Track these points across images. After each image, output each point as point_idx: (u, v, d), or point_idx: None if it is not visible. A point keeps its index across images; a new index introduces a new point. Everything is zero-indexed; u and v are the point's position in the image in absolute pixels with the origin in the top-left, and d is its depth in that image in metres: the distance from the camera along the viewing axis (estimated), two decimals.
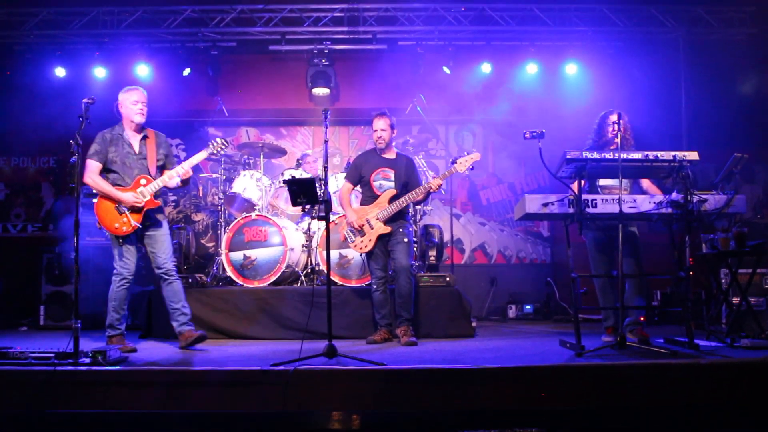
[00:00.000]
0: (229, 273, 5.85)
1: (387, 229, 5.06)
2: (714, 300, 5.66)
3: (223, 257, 5.90)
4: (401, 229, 5.10)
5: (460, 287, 5.73)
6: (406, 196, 5.06)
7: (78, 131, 3.98)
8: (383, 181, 5.19)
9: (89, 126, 4.05)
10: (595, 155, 4.19)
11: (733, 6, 7.42)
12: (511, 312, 7.66)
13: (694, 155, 4.19)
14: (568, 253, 4.32)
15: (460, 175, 5.63)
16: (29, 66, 7.59)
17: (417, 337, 5.04)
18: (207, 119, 8.23)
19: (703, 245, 5.17)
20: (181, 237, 6.48)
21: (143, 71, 7.60)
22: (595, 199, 4.24)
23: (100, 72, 7.60)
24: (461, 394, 3.55)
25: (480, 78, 7.88)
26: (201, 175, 7.39)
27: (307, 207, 5.93)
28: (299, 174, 6.33)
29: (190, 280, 5.61)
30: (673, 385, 3.57)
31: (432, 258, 6.43)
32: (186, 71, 7.74)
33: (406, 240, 5.07)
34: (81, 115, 4.02)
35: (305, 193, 4.16)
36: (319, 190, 4.30)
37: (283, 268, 5.77)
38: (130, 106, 4.65)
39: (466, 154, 5.08)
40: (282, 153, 7.07)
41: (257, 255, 5.82)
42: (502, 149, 8.40)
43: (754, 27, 7.42)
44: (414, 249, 5.75)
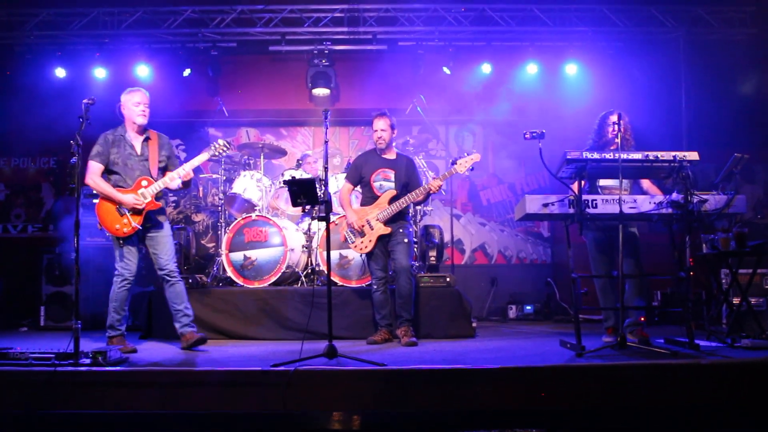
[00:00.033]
0: (230, 273, 5.85)
1: (387, 230, 5.06)
2: (714, 300, 5.66)
3: (224, 258, 5.90)
4: (401, 230, 5.10)
5: (460, 288, 5.73)
6: (406, 196, 5.05)
7: (78, 132, 3.97)
8: (383, 182, 5.19)
9: (89, 126, 4.05)
10: (596, 155, 4.19)
11: (733, 6, 7.42)
12: (512, 312, 7.66)
13: (694, 155, 4.19)
14: (568, 254, 4.32)
15: (460, 176, 5.64)
16: (29, 67, 7.59)
17: (417, 338, 5.04)
18: (207, 120, 8.24)
19: (704, 245, 5.17)
20: (182, 237, 6.48)
21: (143, 72, 7.60)
22: (596, 200, 4.24)
23: (100, 72, 7.60)
24: (461, 394, 3.55)
25: (480, 78, 7.88)
26: (201, 176, 7.38)
27: (308, 207, 5.93)
28: (299, 174, 6.33)
29: (190, 280, 5.61)
30: (674, 386, 3.57)
31: (432, 258, 6.43)
32: (186, 72, 7.74)
33: (406, 240, 5.08)
34: (81, 116, 4.01)
35: (305, 194, 4.16)
36: (320, 190, 4.30)
37: (284, 268, 5.77)
38: (132, 107, 4.64)
39: (466, 154, 5.08)
40: (282, 153, 7.07)
41: (257, 255, 5.82)
42: (502, 149, 8.40)
43: (754, 27, 7.41)
44: (414, 249, 5.75)
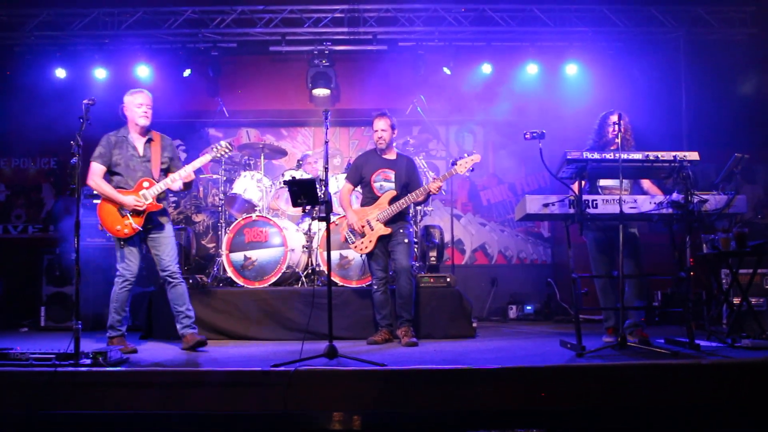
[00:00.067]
0: (230, 274, 5.85)
1: (387, 231, 5.06)
2: (715, 300, 5.66)
3: (224, 258, 5.90)
4: (402, 230, 5.10)
5: (460, 288, 5.73)
6: (406, 197, 5.06)
7: (78, 132, 3.97)
8: (384, 182, 5.20)
9: (90, 127, 4.05)
10: (596, 156, 4.19)
11: (733, 6, 7.42)
12: (512, 312, 7.66)
13: (694, 155, 4.19)
14: (568, 254, 4.32)
15: (460, 176, 5.64)
16: (30, 67, 7.59)
17: (418, 338, 5.04)
18: (208, 120, 8.23)
19: (704, 245, 5.17)
20: (182, 238, 6.48)
21: (144, 72, 7.60)
22: (596, 200, 4.24)
23: (100, 73, 7.60)
24: (462, 394, 3.55)
25: (480, 78, 7.88)
26: (201, 176, 7.39)
27: (308, 208, 5.92)
28: (300, 175, 6.33)
29: (190, 281, 5.60)
30: (674, 386, 3.57)
31: (432, 259, 6.43)
32: (186, 72, 7.74)
33: (406, 241, 5.08)
34: (81, 116, 4.01)
35: (306, 194, 4.16)
36: (320, 190, 4.30)
37: (284, 268, 5.77)
38: (134, 108, 4.65)
39: (466, 155, 5.08)
40: (282, 154, 7.07)
41: (258, 256, 5.82)
42: (502, 150, 8.40)
43: (754, 27, 7.41)
44: (414, 250, 5.75)
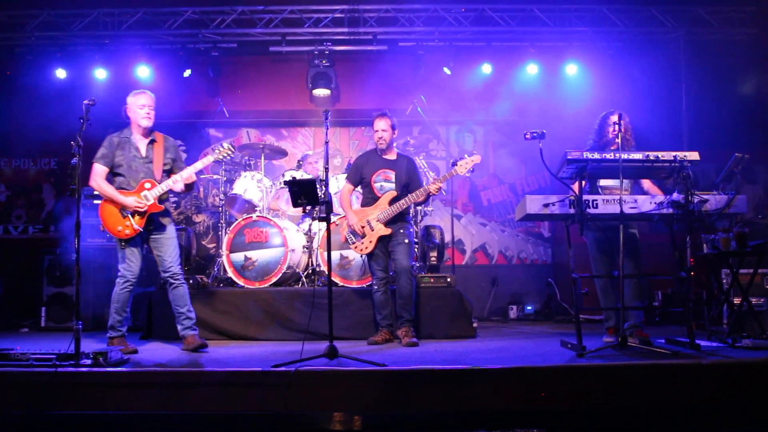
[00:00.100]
0: (230, 274, 5.85)
1: (387, 231, 5.07)
2: (715, 300, 5.66)
3: (224, 258, 5.90)
4: (402, 230, 5.10)
5: (461, 288, 5.73)
6: (406, 198, 5.06)
7: (79, 133, 3.97)
8: (384, 183, 5.20)
9: (90, 127, 4.05)
10: (596, 156, 4.20)
11: (734, 6, 7.41)
12: (512, 312, 7.66)
13: (694, 155, 4.19)
14: (569, 254, 4.32)
15: (460, 177, 5.64)
16: (30, 68, 7.59)
17: (418, 338, 5.04)
18: (208, 120, 8.24)
19: (704, 245, 5.17)
20: (182, 238, 6.47)
21: (144, 73, 7.60)
22: (596, 200, 4.24)
23: (100, 73, 7.60)
24: (462, 394, 3.55)
25: (480, 78, 7.88)
26: (202, 177, 7.39)
27: (308, 208, 5.92)
28: (300, 175, 6.33)
29: (191, 281, 5.59)
30: (675, 386, 3.57)
31: (433, 259, 6.43)
32: (187, 72, 7.74)
33: (406, 241, 5.08)
34: (82, 117, 4.01)
35: (306, 194, 4.16)
36: (320, 191, 4.30)
37: (284, 269, 5.77)
38: (137, 110, 4.66)
39: (466, 156, 5.08)
40: (283, 154, 7.07)
41: (258, 256, 5.82)
42: (502, 150, 8.40)
43: (754, 27, 7.41)
44: (415, 250, 5.75)
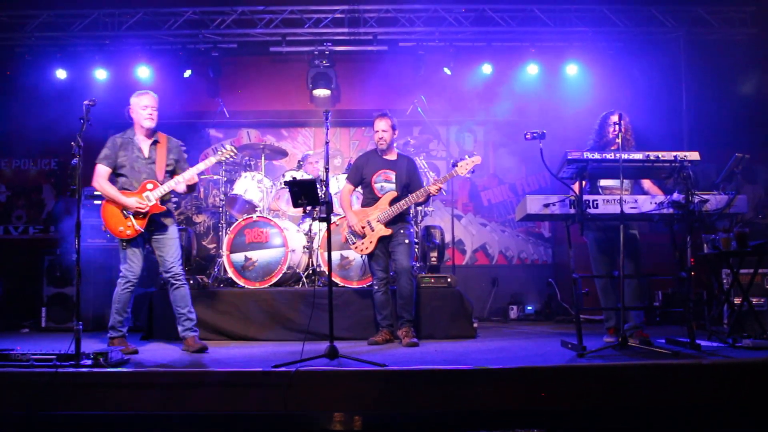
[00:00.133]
0: (231, 274, 5.85)
1: (388, 232, 5.07)
2: (716, 300, 5.66)
3: (225, 259, 5.90)
4: (402, 231, 5.10)
5: (461, 288, 5.73)
6: (406, 198, 5.06)
7: (79, 133, 3.97)
8: (384, 183, 5.20)
9: (90, 128, 4.05)
10: (596, 156, 4.20)
11: (734, 6, 7.41)
12: (513, 313, 7.66)
13: (695, 155, 4.19)
14: (569, 254, 4.32)
15: (461, 178, 5.64)
16: (30, 68, 7.59)
17: (418, 338, 5.04)
18: (208, 121, 8.24)
19: (705, 245, 5.17)
20: (183, 239, 6.46)
21: (144, 73, 7.60)
22: (596, 200, 4.24)
23: (101, 74, 7.60)
24: (463, 394, 3.55)
25: (481, 79, 7.88)
26: (202, 177, 7.36)
27: (308, 208, 5.92)
28: (300, 175, 6.33)
29: (191, 281, 5.60)
30: (675, 386, 3.57)
31: (433, 259, 6.43)
32: (187, 73, 7.74)
33: (407, 241, 5.08)
34: (82, 117, 4.01)
35: (306, 195, 4.16)
36: (320, 191, 4.30)
37: (285, 269, 5.77)
38: (139, 110, 4.67)
39: (467, 157, 5.08)
40: (283, 154, 7.07)
41: (258, 256, 5.82)
42: (503, 150, 8.39)
43: (754, 27, 7.41)
44: (415, 250, 5.75)
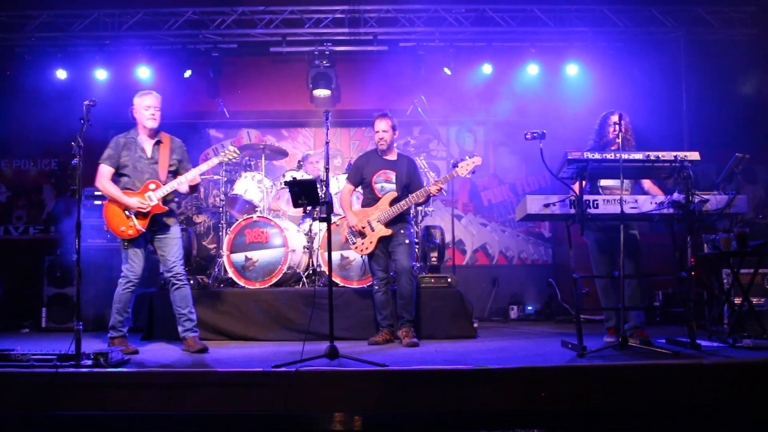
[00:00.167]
0: (231, 274, 5.85)
1: (388, 232, 5.07)
2: (716, 300, 5.66)
3: (225, 259, 5.90)
4: (402, 231, 5.10)
5: (461, 288, 5.73)
6: (407, 199, 5.06)
7: (79, 133, 3.98)
8: (385, 183, 5.20)
9: (90, 128, 4.05)
10: (597, 156, 4.20)
11: (734, 6, 7.41)
12: (513, 313, 7.66)
13: (695, 155, 4.19)
14: (569, 254, 4.32)
15: (461, 178, 5.64)
16: (30, 68, 7.59)
17: (419, 338, 5.04)
18: (209, 121, 8.24)
19: (705, 245, 5.17)
20: (183, 239, 6.46)
21: (144, 73, 7.60)
22: (597, 200, 4.24)
23: (101, 74, 7.60)
24: (463, 395, 3.55)
25: (481, 79, 7.88)
26: (202, 177, 7.35)
27: (309, 208, 5.93)
28: (300, 175, 6.33)
29: (191, 281, 5.60)
30: (675, 386, 3.57)
31: (433, 259, 6.43)
32: (187, 73, 7.74)
33: (407, 241, 5.08)
34: (82, 117, 4.02)
35: (306, 195, 4.16)
36: (321, 191, 4.30)
37: (285, 269, 5.77)
38: (142, 111, 4.67)
39: (467, 157, 5.08)
40: (283, 154, 7.07)
41: (259, 256, 5.82)
42: (503, 150, 8.40)
43: (754, 27, 7.41)
44: (415, 250, 5.75)
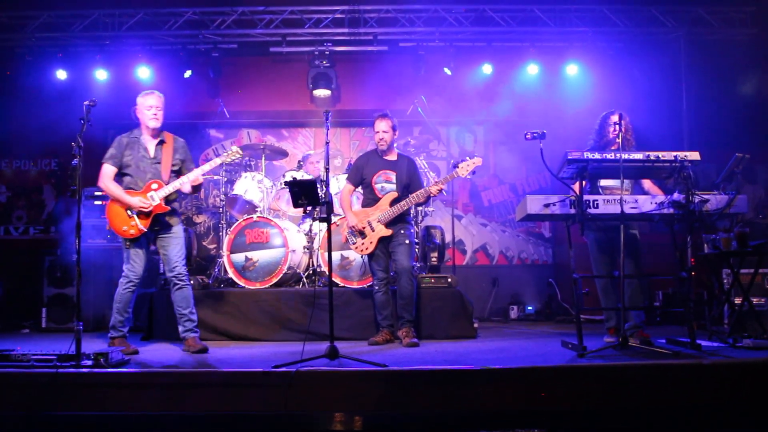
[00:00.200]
0: (231, 275, 5.85)
1: (388, 232, 5.07)
2: (716, 300, 5.66)
3: (225, 259, 5.90)
4: (403, 231, 5.10)
5: (461, 288, 5.73)
6: (407, 199, 5.06)
7: (79, 134, 3.98)
8: (385, 183, 5.20)
9: (90, 128, 4.05)
10: (597, 156, 4.19)
11: (734, 6, 7.41)
12: (513, 313, 7.66)
13: (695, 155, 4.19)
14: (569, 254, 4.32)
15: (461, 178, 5.64)
16: (31, 69, 7.59)
17: (419, 339, 5.04)
18: (209, 121, 8.24)
19: (705, 245, 5.17)
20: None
21: (144, 73, 7.61)
22: (597, 200, 4.24)
23: (101, 74, 7.60)
24: (463, 395, 3.55)
25: (481, 79, 7.89)
26: (203, 177, 7.36)
27: (309, 208, 5.93)
28: (300, 175, 6.33)
29: (191, 282, 5.60)
30: (676, 386, 3.57)
31: (434, 259, 6.43)
32: (187, 73, 7.75)
33: (407, 242, 5.08)
34: (82, 118, 4.02)
35: (306, 195, 4.16)
36: (321, 191, 4.30)
37: (285, 269, 5.77)
38: (144, 111, 4.68)
39: (468, 158, 5.08)
40: (283, 154, 7.07)
41: (259, 257, 5.82)
42: (503, 150, 8.40)
43: (754, 27, 7.41)
44: (416, 250, 5.75)
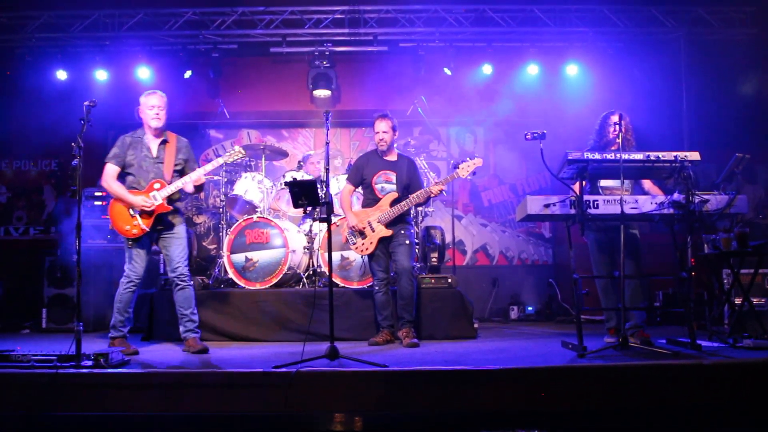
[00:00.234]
0: (231, 275, 5.85)
1: (388, 232, 5.07)
2: (716, 300, 5.66)
3: (225, 259, 5.90)
4: (403, 231, 5.10)
5: (461, 289, 5.73)
6: (407, 199, 5.06)
7: (79, 134, 3.98)
8: (385, 184, 5.20)
9: (90, 129, 4.05)
10: (597, 156, 4.20)
11: (734, 6, 7.41)
12: (513, 313, 7.66)
13: (695, 155, 4.19)
14: (570, 254, 4.32)
15: (461, 179, 5.64)
16: (31, 69, 7.58)
17: (419, 339, 5.04)
18: (209, 121, 8.24)
19: (705, 246, 5.17)
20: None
21: (144, 74, 7.61)
22: (597, 200, 4.24)
23: (101, 75, 7.60)
24: (463, 395, 3.55)
25: (481, 79, 7.89)
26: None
27: (309, 209, 5.93)
28: (301, 176, 6.33)
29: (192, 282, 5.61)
30: (676, 386, 3.57)
31: (434, 259, 6.42)
32: (187, 74, 7.74)
33: (407, 242, 5.08)
34: (82, 118, 4.02)
35: (307, 195, 4.16)
36: (321, 191, 4.30)
37: (285, 270, 5.77)
38: (147, 110, 4.69)
39: (468, 159, 5.08)
40: (283, 155, 7.07)
41: (259, 257, 5.82)
42: (503, 150, 8.40)
43: (754, 27, 7.41)
44: (416, 251, 5.75)
